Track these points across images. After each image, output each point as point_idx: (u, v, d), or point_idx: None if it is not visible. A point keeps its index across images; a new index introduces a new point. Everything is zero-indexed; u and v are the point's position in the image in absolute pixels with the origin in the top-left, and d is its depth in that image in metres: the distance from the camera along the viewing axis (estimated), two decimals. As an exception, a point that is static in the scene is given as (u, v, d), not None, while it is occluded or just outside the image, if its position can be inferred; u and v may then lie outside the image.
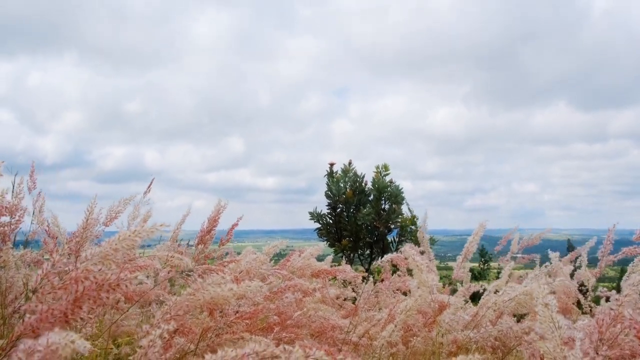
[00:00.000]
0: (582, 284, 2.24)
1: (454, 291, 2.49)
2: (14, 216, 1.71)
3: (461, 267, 1.48)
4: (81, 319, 0.77)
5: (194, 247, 2.02)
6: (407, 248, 1.48)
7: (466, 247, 1.42)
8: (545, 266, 1.74)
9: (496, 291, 1.80)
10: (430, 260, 2.07)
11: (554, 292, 2.06)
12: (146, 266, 1.23)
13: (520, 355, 1.83)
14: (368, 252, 7.05)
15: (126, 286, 0.78)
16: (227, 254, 2.69)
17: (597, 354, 1.27)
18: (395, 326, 1.33)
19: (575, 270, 2.39)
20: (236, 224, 2.03)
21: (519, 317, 2.04)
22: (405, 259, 1.49)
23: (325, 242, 7.00)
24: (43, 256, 1.93)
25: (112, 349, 1.75)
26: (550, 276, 1.96)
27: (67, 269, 0.87)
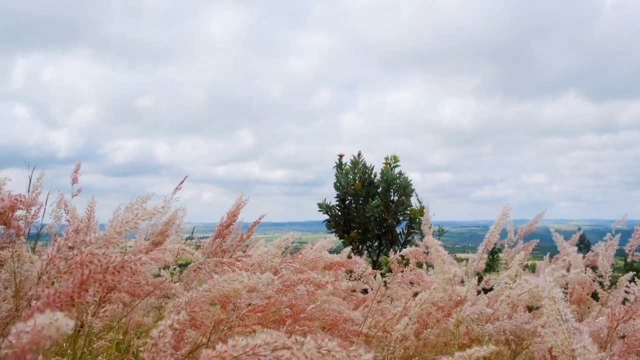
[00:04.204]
0: (599, 275, 2.20)
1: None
2: (29, 210, 1.71)
3: (481, 259, 1.46)
4: (87, 302, 0.78)
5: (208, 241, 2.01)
6: (430, 239, 1.47)
7: (487, 238, 1.39)
8: (563, 260, 1.72)
9: (506, 283, 1.78)
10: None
11: (566, 284, 2.03)
12: (157, 259, 1.21)
13: (533, 349, 1.81)
14: (376, 243, 7.04)
15: (130, 268, 0.79)
16: (247, 246, 2.70)
17: (609, 347, 1.25)
18: (410, 319, 1.32)
19: (584, 257, 2.35)
20: (258, 222, 2.03)
21: (530, 309, 2.02)
22: (426, 248, 1.47)
23: (333, 234, 6.99)
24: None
25: (122, 340, 1.76)
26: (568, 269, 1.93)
27: (72, 253, 0.87)
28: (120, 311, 1.66)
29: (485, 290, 2.56)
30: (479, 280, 2.26)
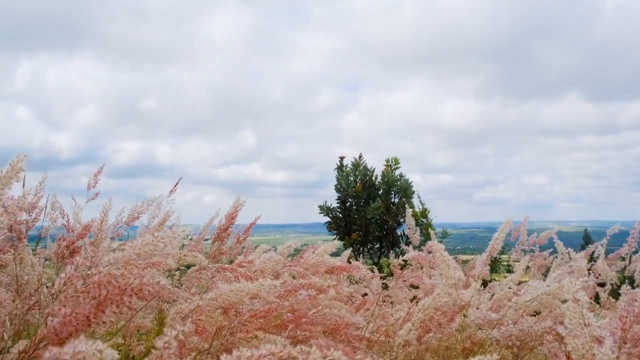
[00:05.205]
0: (599, 277, 2.19)
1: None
2: (31, 214, 1.72)
3: (485, 265, 1.46)
4: (103, 322, 0.77)
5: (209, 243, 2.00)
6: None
7: (491, 245, 1.39)
8: (570, 266, 1.72)
9: (509, 287, 1.78)
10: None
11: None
12: (159, 263, 1.20)
13: (537, 352, 1.80)
14: (377, 246, 7.03)
15: (148, 291, 0.78)
16: (243, 247, 2.67)
17: (621, 351, 1.24)
18: (413, 325, 1.32)
19: (592, 264, 2.35)
20: (254, 223, 2.02)
21: (534, 314, 2.02)
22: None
23: (334, 236, 6.99)
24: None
25: (122, 344, 1.76)
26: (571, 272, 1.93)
27: (89, 272, 0.86)
28: (122, 315, 1.65)
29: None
30: (484, 286, 2.26)
